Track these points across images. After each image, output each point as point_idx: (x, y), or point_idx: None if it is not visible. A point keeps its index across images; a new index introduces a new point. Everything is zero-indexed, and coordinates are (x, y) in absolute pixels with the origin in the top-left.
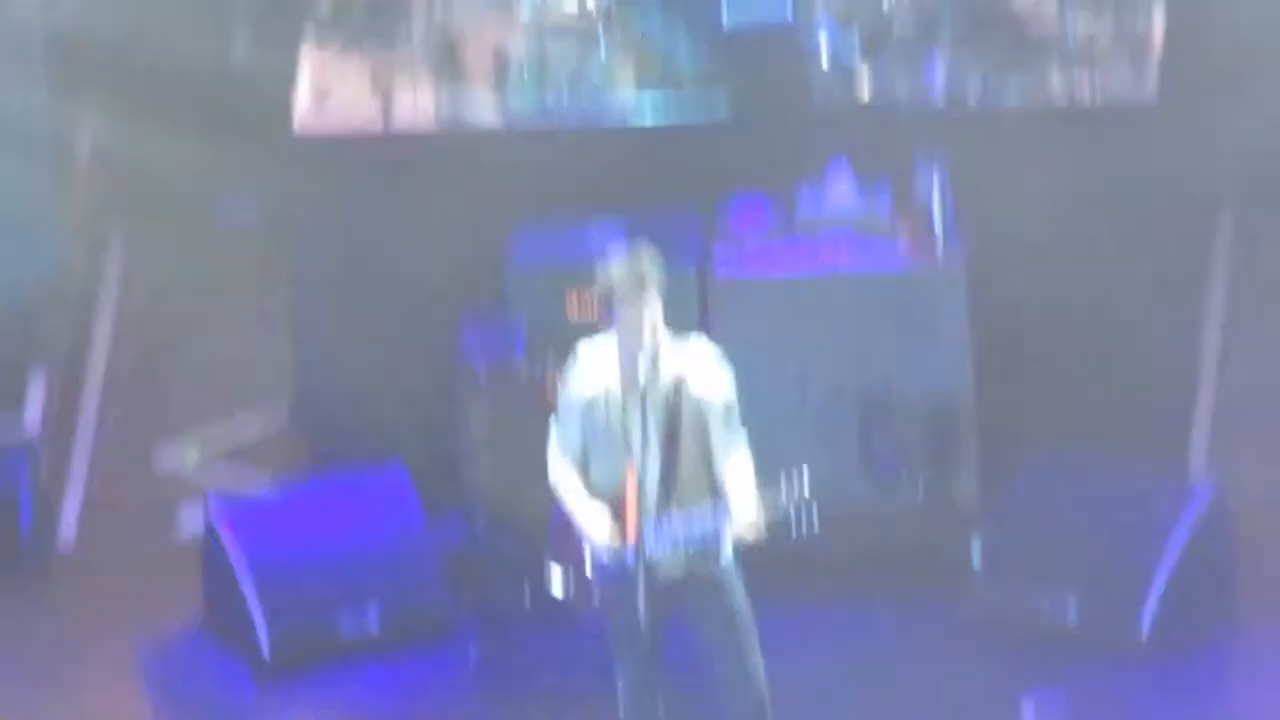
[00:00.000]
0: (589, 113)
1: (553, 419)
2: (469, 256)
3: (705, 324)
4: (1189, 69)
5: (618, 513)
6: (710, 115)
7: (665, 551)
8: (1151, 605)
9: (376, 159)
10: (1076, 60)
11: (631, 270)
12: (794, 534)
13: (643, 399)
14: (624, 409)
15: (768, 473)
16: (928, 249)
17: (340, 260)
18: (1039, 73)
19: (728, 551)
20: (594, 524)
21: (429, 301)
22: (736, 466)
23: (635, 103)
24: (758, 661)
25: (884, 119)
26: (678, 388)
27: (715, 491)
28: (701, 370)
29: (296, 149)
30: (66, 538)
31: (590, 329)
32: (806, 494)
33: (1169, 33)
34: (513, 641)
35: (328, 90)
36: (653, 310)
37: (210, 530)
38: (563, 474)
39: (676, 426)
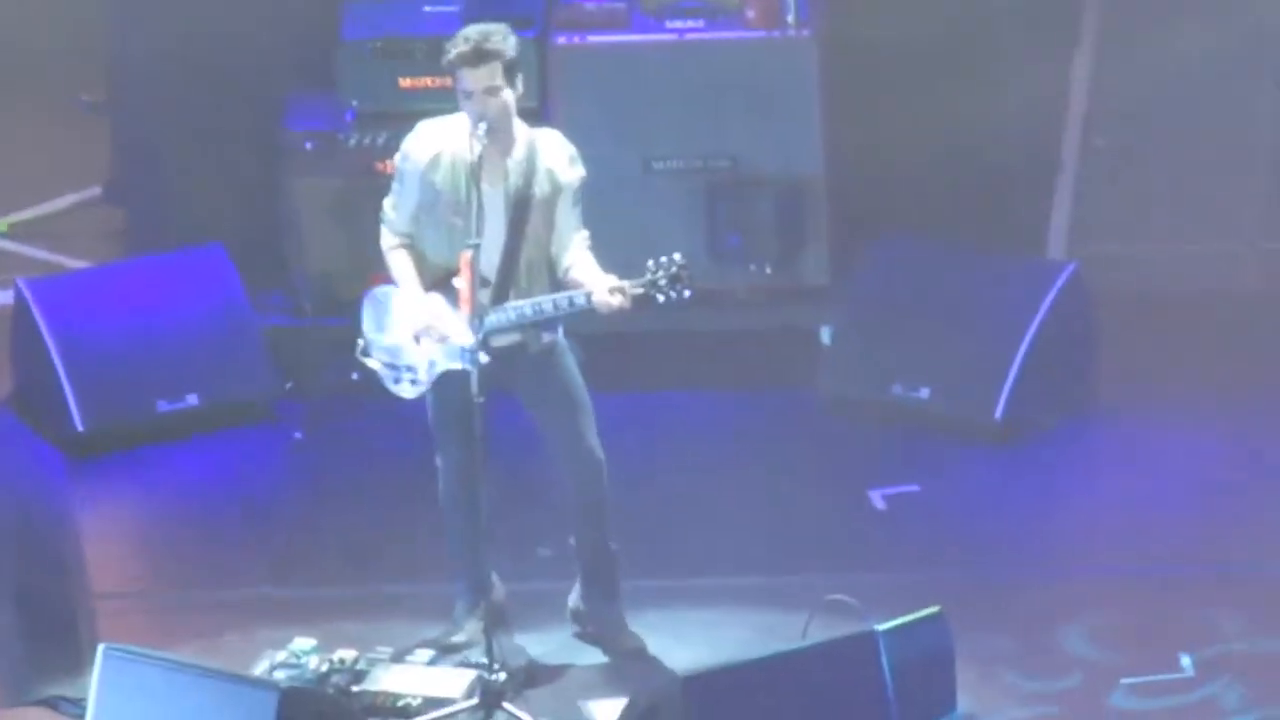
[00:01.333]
0: None
1: (388, 198)
2: (297, 29)
3: (544, 95)
4: None
5: (451, 290)
6: None
7: (500, 330)
8: (1007, 386)
9: None
10: None
11: (474, 45)
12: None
13: (489, 175)
14: (466, 186)
15: (614, 251)
16: (778, 17)
17: (160, 33)
18: None
19: (559, 332)
20: (421, 300)
21: (255, 76)
22: (579, 248)
23: None
24: (594, 433)
25: None
26: (529, 167)
27: (552, 275)
28: (553, 153)
29: None
30: None
31: (422, 104)
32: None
33: None
34: (334, 420)
35: None
36: (496, 87)
37: (20, 307)
38: (390, 248)
39: (525, 205)
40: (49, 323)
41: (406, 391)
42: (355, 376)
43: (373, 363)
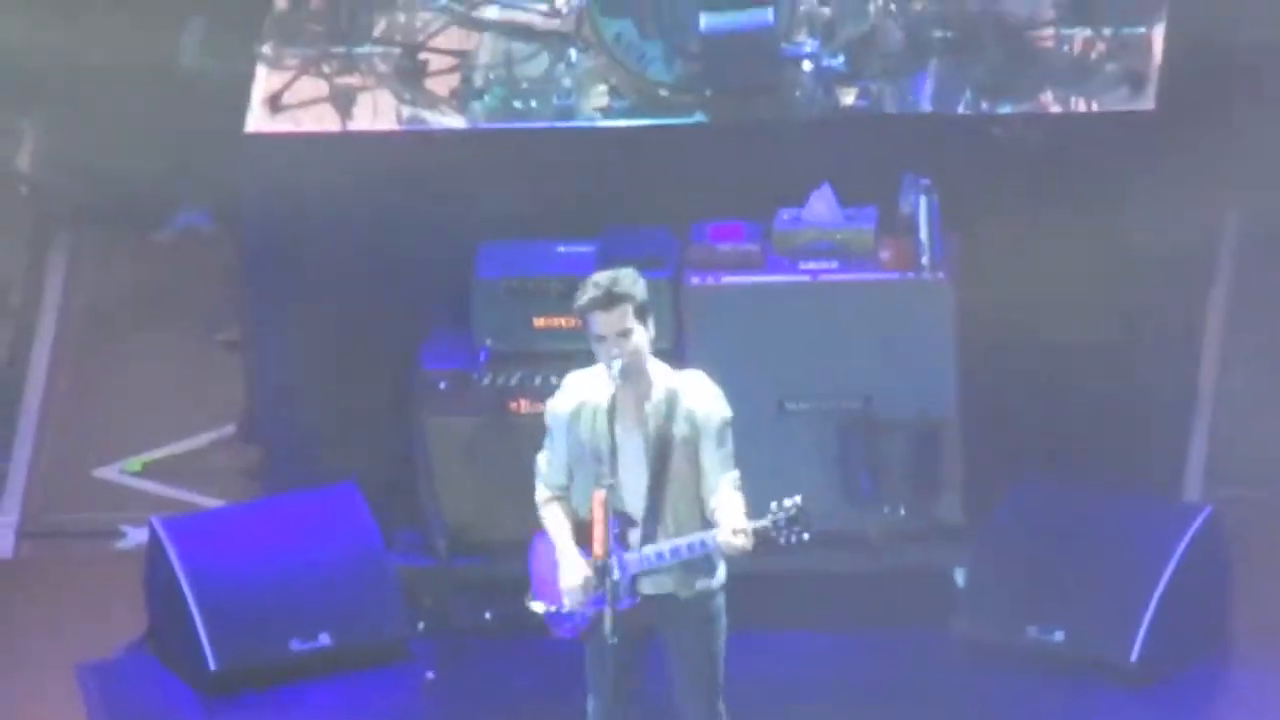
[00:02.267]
0: (559, 119)
1: (541, 453)
2: (432, 268)
3: (679, 335)
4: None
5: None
6: (687, 123)
7: (646, 575)
8: (1143, 629)
9: (334, 164)
10: (1071, 73)
11: (605, 290)
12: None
13: (627, 418)
14: (609, 430)
15: (748, 491)
16: (912, 260)
17: (293, 270)
18: (1032, 84)
19: (718, 579)
20: (565, 558)
21: (391, 315)
22: (726, 490)
23: (608, 109)
24: (720, 702)
25: (870, 130)
26: (670, 408)
27: (704, 516)
28: (695, 393)
29: (251, 154)
30: (3, 552)
31: (556, 344)
32: (798, 520)
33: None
34: (470, 663)
35: (283, 93)
36: (628, 329)
37: (155, 546)
38: (544, 502)
39: (666, 446)
40: (183, 561)
41: (568, 633)
42: (488, 616)
43: (538, 606)
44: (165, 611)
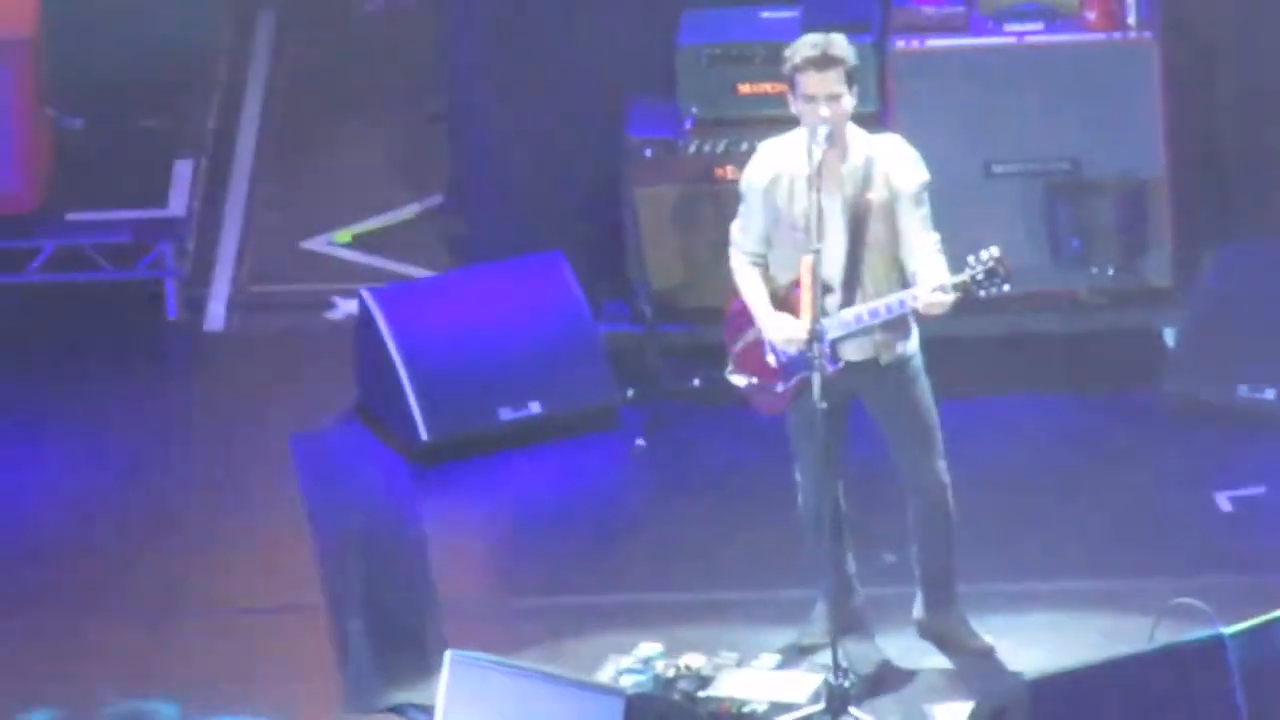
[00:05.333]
0: None
1: (735, 221)
2: (635, 36)
3: (883, 100)
4: None
5: (797, 302)
6: None
7: (847, 340)
8: None
9: None
10: None
11: (821, 51)
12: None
13: (826, 184)
14: (807, 196)
15: (951, 255)
16: (1118, 19)
17: (498, 42)
18: None
19: (914, 343)
20: (771, 318)
21: (595, 82)
22: (926, 251)
23: None
24: (940, 459)
25: None
26: (866, 173)
27: (903, 280)
28: (891, 158)
29: None
30: (214, 323)
31: (760, 110)
32: (998, 272)
33: None
34: (679, 430)
35: None
36: (838, 93)
37: (365, 317)
38: (741, 267)
39: (863, 212)
40: (393, 331)
41: (767, 407)
42: (696, 382)
43: (739, 380)
44: (375, 382)
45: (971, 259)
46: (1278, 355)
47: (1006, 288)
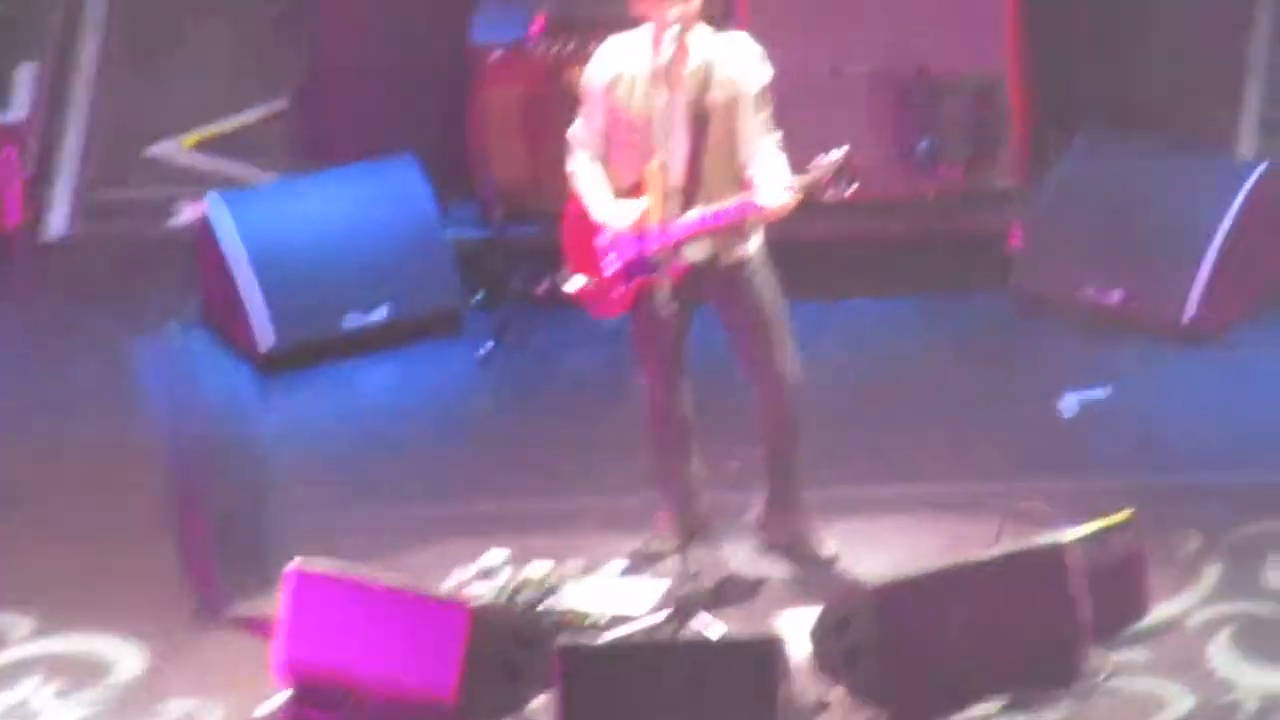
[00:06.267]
0: None
1: (576, 121)
2: None
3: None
4: None
5: (638, 203)
6: None
7: (687, 243)
8: (1197, 288)
9: None
10: None
11: None
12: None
13: (668, 85)
14: (648, 96)
15: (799, 157)
16: None
17: None
18: None
19: (755, 242)
20: (613, 216)
21: None
22: (767, 152)
23: None
24: (789, 353)
25: None
26: (708, 74)
27: (741, 180)
28: (734, 58)
29: None
30: (57, 227)
31: (610, 10)
32: (844, 171)
33: None
34: (527, 336)
35: None
36: None
37: (209, 221)
38: (582, 166)
39: (704, 113)
40: (240, 237)
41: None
42: (543, 287)
43: (576, 282)
44: (220, 288)
45: (819, 158)
46: (1123, 256)
47: (854, 188)
